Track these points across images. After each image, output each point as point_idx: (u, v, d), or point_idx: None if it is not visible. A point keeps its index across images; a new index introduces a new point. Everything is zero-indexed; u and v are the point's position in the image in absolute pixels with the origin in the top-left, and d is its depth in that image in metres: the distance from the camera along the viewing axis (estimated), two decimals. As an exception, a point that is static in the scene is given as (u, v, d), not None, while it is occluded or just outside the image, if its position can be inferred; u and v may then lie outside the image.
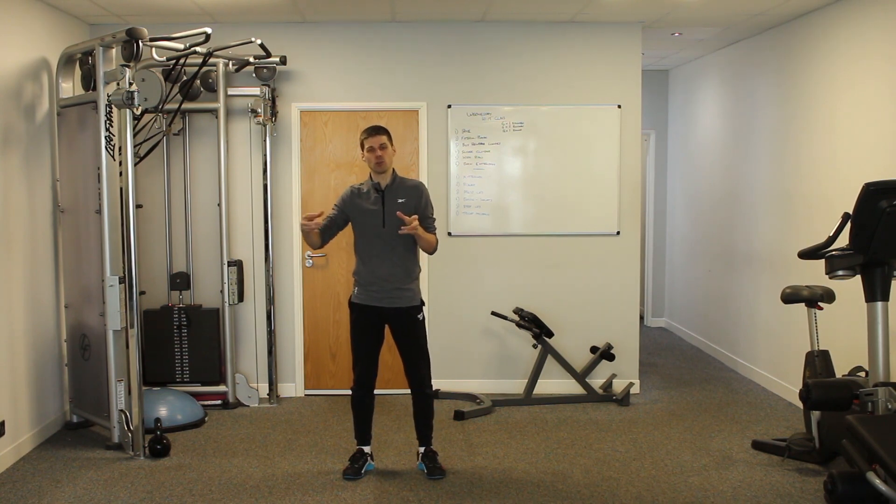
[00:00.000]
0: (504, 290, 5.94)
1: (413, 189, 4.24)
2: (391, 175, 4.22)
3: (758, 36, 6.24)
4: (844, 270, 3.81)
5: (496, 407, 5.58)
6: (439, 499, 3.99)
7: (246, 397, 5.69)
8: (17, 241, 4.68)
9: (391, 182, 4.21)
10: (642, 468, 4.41)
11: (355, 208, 4.22)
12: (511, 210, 5.95)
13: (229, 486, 4.17)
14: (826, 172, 5.22)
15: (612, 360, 5.79)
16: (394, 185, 4.21)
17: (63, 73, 5.06)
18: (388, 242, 4.15)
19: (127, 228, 4.61)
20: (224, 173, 5.65)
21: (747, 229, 6.45)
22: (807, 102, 5.48)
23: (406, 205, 4.16)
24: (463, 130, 5.86)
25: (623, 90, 5.88)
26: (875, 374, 3.70)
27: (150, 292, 5.73)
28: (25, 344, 4.75)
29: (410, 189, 4.23)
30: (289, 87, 5.78)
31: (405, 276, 4.19)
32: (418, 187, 4.27)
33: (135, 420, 4.60)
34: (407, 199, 4.18)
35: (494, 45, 5.84)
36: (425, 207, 4.22)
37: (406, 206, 4.15)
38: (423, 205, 4.21)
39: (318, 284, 5.94)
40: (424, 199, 4.23)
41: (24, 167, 4.76)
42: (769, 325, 6.06)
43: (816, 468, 4.33)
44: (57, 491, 4.10)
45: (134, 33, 4.42)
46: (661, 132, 8.48)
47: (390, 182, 4.21)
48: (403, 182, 4.26)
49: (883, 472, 2.91)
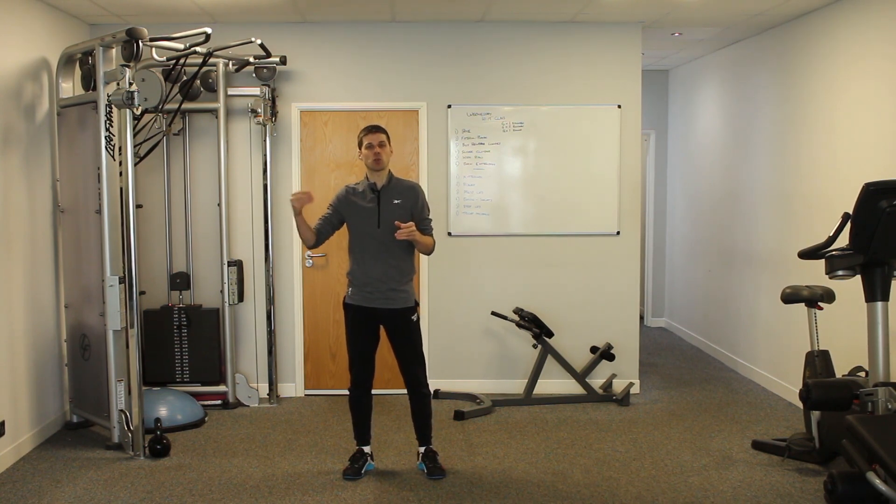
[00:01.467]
0: (504, 290, 5.94)
1: (409, 190, 4.22)
2: (387, 175, 4.21)
3: (758, 36, 6.25)
4: (844, 270, 3.81)
5: (496, 407, 5.58)
6: (439, 499, 3.99)
7: (246, 397, 5.69)
8: (17, 241, 4.68)
9: (387, 182, 4.20)
10: (642, 468, 4.41)
11: (350, 207, 4.21)
12: (511, 210, 5.95)
13: (229, 486, 4.17)
14: (826, 172, 5.22)
15: (612, 360, 5.79)
16: (390, 186, 4.19)
17: (63, 73, 5.06)
18: (382, 243, 4.13)
19: (127, 228, 4.61)
20: (224, 173, 5.65)
21: (747, 229, 6.45)
22: (807, 102, 5.48)
23: (402, 206, 4.14)
24: (463, 130, 5.86)
25: (623, 90, 5.88)
26: (875, 374, 3.70)
27: (150, 292, 5.73)
28: (25, 344, 4.75)
29: (406, 190, 4.21)
30: (289, 87, 5.78)
31: (400, 277, 4.18)
32: (414, 188, 4.25)
33: (135, 420, 4.60)
34: (403, 200, 4.16)
35: (494, 45, 5.84)
36: (421, 209, 4.20)
37: (402, 208, 4.14)
38: (419, 207, 4.19)
39: (318, 284, 5.94)
40: (420, 200, 4.21)
41: (24, 167, 4.76)
42: (769, 325, 6.06)
43: (816, 468, 4.33)
44: (57, 491, 4.10)
45: (134, 33, 4.42)
46: (661, 132, 8.48)
47: (386, 182, 4.19)
48: (399, 183, 4.25)
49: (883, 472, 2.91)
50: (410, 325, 4.22)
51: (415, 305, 4.25)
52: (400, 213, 4.11)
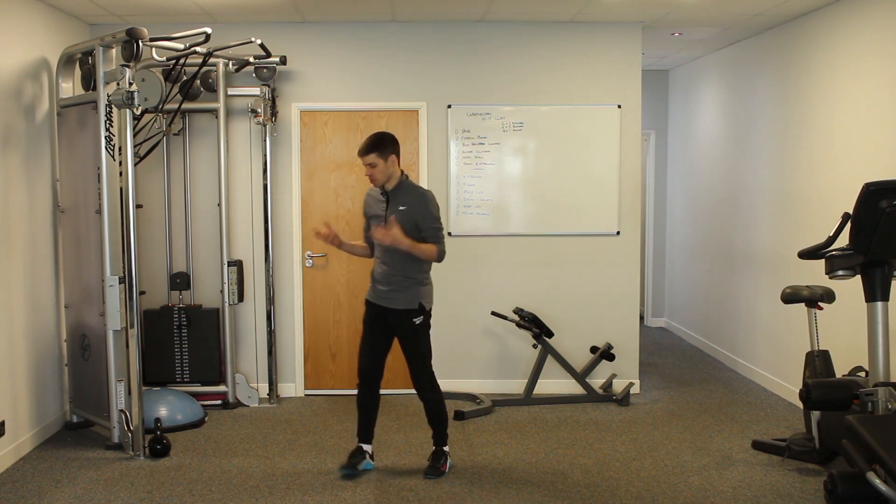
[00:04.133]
0: (504, 290, 5.94)
1: (418, 197, 4.22)
2: (398, 180, 4.23)
3: (758, 36, 6.25)
4: (844, 270, 3.81)
5: (496, 407, 5.58)
6: (439, 499, 3.99)
7: (246, 397, 5.69)
8: (17, 241, 4.68)
9: (396, 186, 4.22)
10: (642, 468, 4.41)
11: (369, 209, 4.37)
12: (511, 210, 5.95)
13: (229, 486, 4.17)
14: (826, 172, 5.22)
15: (612, 360, 5.79)
16: (399, 190, 4.21)
17: (63, 73, 5.06)
18: (386, 245, 4.15)
19: (127, 228, 4.61)
20: (224, 173, 5.65)
21: (747, 229, 6.45)
22: (806, 102, 5.48)
23: (406, 213, 4.15)
24: (463, 130, 5.86)
25: (623, 90, 5.88)
26: (875, 374, 3.70)
27: (150, 292, 5.73)
28: (25, 344, 4.75)
29: (415, 197, 4.21)
30: (289, 87, 5.78)
31: (402, 279, 4.18)
32: (423, 196, 4.24)
33: (135, 420, 4.60)
34: (408, 207, 4.17)
35: (494, 45, 5.84)
36: (424, 218, 4.17)
37: (406, 214, 4.15)
38: (422, 214, 4.17)
39: (318, 284, 5.94)
40: (425, 208, 4.18)
41: (24, 167, 4.76)
42: (769, 325, 6.06)
43: (816, 468, 4.33)
44: (57, 491, 4.10)
45: (134, 33, 4.42)
46: (661, 132, 8.48)
47: (396, 186, 4.22)
48: (411, 189, 4.25)
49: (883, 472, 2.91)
50: (411, 327, 4.22)
51: (419, 309, 4.23)
52: (404, 219, 4.12)
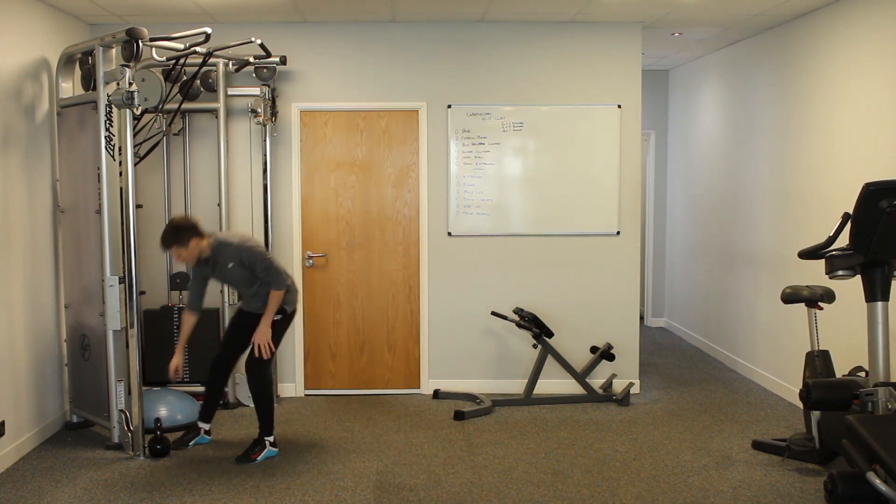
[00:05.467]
0: (504, 290, 5.94)
1: (235, 251, 4.50)
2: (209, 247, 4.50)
3: (758, 36, 6.25)
4: (844, 270, 3.81)
5: (496, 407, 5.58)
6: (439, 499, 3.99)
7: (246, 397, 5.69)
8: (17, 241, 4.68)
9: (212, 252, 4.52)
10: (642, 468, 4.41)
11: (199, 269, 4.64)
12: (511, 210, 5.95)
13: (229, 486, 4.17)
14: (826, 172, 5.22)
15: (612, 360, 5.79)
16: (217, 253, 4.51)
17: (63, 73, 5.06)
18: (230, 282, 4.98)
19: (127, 228, 4.61)
20: (224, 173, 5.65)
21: (747, 229, 6.45)
22: (806, 102, 5.48)
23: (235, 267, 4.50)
24: (463, 130, 5.86)
25: (623, 90, 5.88)
26: (875, 374, 3.70)
27: (150, 292, 5.73)
28: (25, 344, 4.75)
29: (233, 251, 4.50)
30: (289, 87, 5.78)
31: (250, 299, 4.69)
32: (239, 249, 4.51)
33: (135, 420, 4.60)
34: (234, 263, 4.50)
35: (494, 45, 5.84)
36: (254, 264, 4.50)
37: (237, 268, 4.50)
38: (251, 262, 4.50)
39: (318, 284, 5.94)
40: (249, 257, 4.50)
41: (24, 167, 4.76)
42: (769, 325, 6.06)
43: (816, 468, 4.33)
44: (57, 491, 4.10)
45: (134, 33, 4.42)
46: (661, 132, 8.48)
47: (211, 252, 4.52)
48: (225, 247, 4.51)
49: (883, 472, 2.91)
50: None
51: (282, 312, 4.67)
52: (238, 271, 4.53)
